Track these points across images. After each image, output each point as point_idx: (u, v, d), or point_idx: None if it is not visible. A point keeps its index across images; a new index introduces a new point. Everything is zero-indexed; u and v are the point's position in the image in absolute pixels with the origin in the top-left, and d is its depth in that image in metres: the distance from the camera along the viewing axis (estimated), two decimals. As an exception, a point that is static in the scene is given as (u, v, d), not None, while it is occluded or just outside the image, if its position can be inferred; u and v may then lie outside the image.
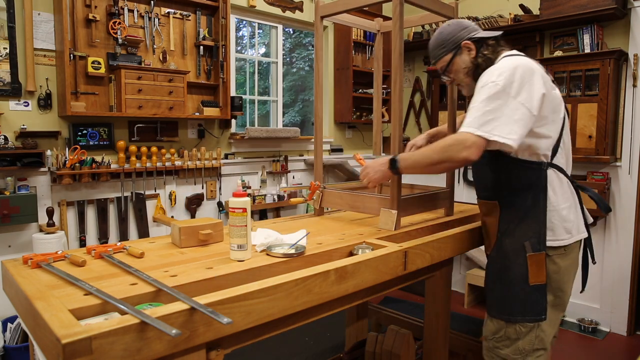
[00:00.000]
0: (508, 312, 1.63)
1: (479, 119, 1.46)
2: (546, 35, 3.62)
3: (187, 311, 0.96)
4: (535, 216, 1.59)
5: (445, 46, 1.71)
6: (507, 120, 1.44)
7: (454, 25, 1.72)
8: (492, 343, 1.68)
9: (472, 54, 1.68)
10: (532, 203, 1.59)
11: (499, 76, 1.48)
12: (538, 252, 1.58)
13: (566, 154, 1.64)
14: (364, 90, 4.47)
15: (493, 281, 1.70)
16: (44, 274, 1.20)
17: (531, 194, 1.59)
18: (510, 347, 1.62)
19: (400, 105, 1.77)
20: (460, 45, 1.69)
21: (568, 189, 1.63)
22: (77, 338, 0.81)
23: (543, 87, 1.50)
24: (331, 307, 1.37)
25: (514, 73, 1.48)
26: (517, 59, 1.56)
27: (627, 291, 3.32)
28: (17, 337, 2.63)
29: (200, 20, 3.43)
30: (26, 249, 2.77)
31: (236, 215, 1.34)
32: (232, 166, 3.75)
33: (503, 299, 1.65)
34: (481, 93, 1.50)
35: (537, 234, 1.58)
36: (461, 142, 1.47)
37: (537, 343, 1.60)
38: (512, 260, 1.62)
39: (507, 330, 1.63)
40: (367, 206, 1.89)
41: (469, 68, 1.70)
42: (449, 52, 1.71)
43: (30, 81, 2.76)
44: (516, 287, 1.61)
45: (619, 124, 3.30)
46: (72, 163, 2.81)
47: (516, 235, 1.62)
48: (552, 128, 1.56)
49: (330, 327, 3.36)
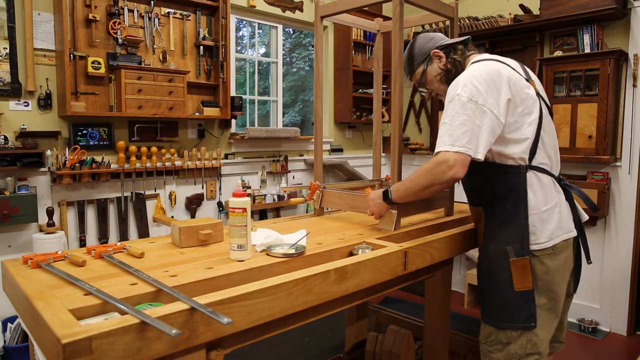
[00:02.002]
0: (496, 318, 1.62)
1: (451, 135, 1.46)
2: (546, 35, 3.62)
3: (187, 311, 0.96)
4: (516, 220, 1.57)
5: (416, 59, 1.75)
6: (478, 132, 1.45)
7: (421, 39, 1.76)
8: (485, 347, 1.67)
9: (443, 61, 1.71)
10: (512, 207, 1.57)
11: (464, 88, 1.49)
12: (521, 256, 1.55)
13: (548, 153, 1.61)
14: (364, 90, 4.47)
15: (482, 287, 1.70)
16: (44, 274, 1.20)
17: (511, 198, 1.58)
18: (503, 352, 1.60)
19: (400, 105, 1.78)
20: (429, 55, 1.72)
21: (552, 189, 1.60)
22: (77, 338, 0.81)
23: (509, 92, 1.50)
24: (331, 307, 1.37)
25: (479, 81, 1.48)
26: (482, 65, 1.55)
27: (627, 291, 3.32)
28: (17, 337, 2.63)
29: (200, 20, 3.43)
30: (26, 249, 2.77)
31: (236, 215, 1.34)
32: (232, 166, 3.75)
33: (491, 304, 1.64)
34: (449, 108, 1.51)
35: (520, 239, 1.56)
36: (443, 162, 1.47)
37: (530, 347, 1.57)
38: (496, 265, 1.61)
39: (497, 335, 1.62)
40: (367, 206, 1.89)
41: (441, 75, 1.72)
42: (420, 64, 1.75)
43: (30, 81, 2.76)
44: (502, 293, 1.60)
45: (619, 124, 3.30)
46: (72, 163, 2.81)
47: (499, 240, 1.61)
48: (525, 131, 1.54)
49: (330, 327, 3.36)
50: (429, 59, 1.73)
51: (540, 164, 1.58)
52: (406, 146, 4.56)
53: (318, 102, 2.11)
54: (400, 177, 1.81)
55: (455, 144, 1.45)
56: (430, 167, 1.51)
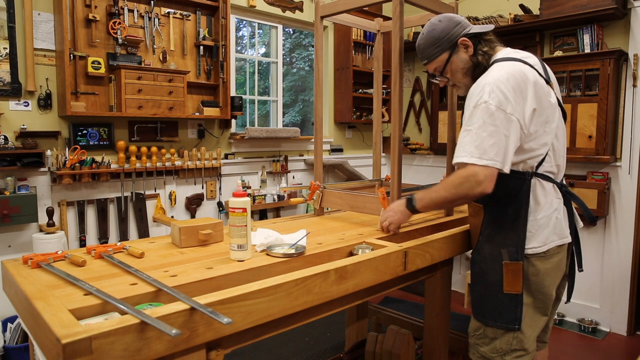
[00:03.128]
0: (482, 314, 1.65)
1: (479, 146, 1.42)
2: (546, 35, 3.62)
3: (187, 311, 0.96)
4: (515, 226, 1.56)
5: (439, 45, 1.60)
6: (506, 144, 1.42)
7: (446, 22, 1.60)
8: (473, 340, 1.69)
9: (470, 51, 1.59)
10: (513, 212, 1.56)
11: (491, 94, 1.42)
12: (515, 261, 1.54)
13: (557, 161, 1.59)
14: (364, 90, 4.47)
15: (473, 282, 1.71)
16: (44, 274, 1.20)
17: (513, 204, 1.56)
18: (489, 346, 1.63)
19: (400, 105, 1.78)
20: (456, 43, 1.59)
21: (553, 196, 1.58)
22: (77, 338, 0.81)
23: (534, 100, 1.47)
24: (331, 307, 1.37)
25: (506, 87, 1.43)
26: (509, 67, 1.48)
27: (627, 291, 3.32)
28: (17, 337, 2.63)
29: (200, 20, 3.43)
30: (26, 249, 2.77)
31: (236, 215, 1.34)
32: (232, 166, 3.75)
33: (480, 301, 1.66)
34: (475, 115, 1.44)
35: (516, 244, 1.55)
36: (471, 177, 1.43)
37: (516, 344, 1.58)
38: (489, 265, 1.62)
39: (485, 329, 1.64)
40: (367, 206, 1.90)
41: (468, 67, 1.61)
42: (445, 51, 1.60)
43: (30, 81, 2.76)
44: (490, 292, 1.61)
45: (619, 124, 3.30)
46: (72, 163, 2.81)
47: (495, 242, 1.60)
48: (541, 140, 1.52)
49: (330, 327, 3.36)
50: (455, 47, 1.59)
51: (546, 171, 1.57)
52: (406, 146, 4.56)
53: (318, 102, 2.11)
54: (400, 177, 1.81)
55: (484, 157, 1.41)
56: (458, 182, 1.46)
